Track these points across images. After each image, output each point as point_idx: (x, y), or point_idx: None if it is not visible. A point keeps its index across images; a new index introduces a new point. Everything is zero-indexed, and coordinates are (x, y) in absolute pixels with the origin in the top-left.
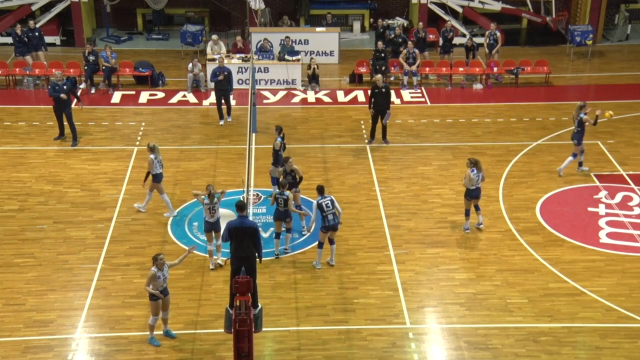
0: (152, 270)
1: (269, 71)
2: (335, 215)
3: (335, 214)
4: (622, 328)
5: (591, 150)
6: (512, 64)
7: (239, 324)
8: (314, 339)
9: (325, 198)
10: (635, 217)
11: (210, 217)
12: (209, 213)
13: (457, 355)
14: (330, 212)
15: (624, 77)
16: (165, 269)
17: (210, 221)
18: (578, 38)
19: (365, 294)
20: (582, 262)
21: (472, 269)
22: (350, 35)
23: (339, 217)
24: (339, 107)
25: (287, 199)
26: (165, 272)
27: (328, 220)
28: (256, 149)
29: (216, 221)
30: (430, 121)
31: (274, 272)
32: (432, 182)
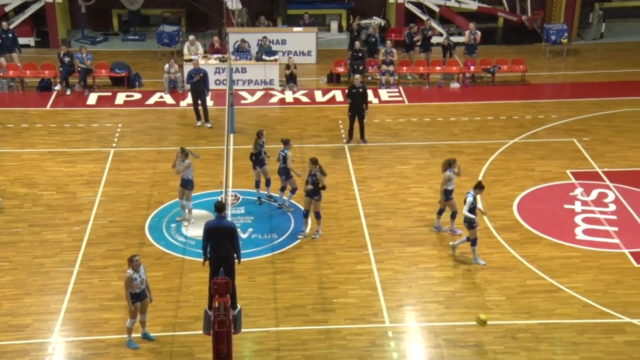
0: (127, 274)
1: (246, 71)
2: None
3: None
4: (599, 324)
5: (567, 148)
6: (489, 63)
7: (218, 325)
8: (293, 339)
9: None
10: (611, 213)
11: (187, 176)
12: (189, 173)
13: (437, 353)
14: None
15: (599, 75)
16: (142, 271)
17: (188, 179)
18: (553, 37)
19: (344, 294)
20: (559, 258)
21: (450, 267)
22: (327, 35)
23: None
24: (317, 107)
25: (286, 156)
26: (142, 274)
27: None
28: (234, 149)
29: (191, 179)
30: (408, 120)
31: (253, 272)
32: (411, 181)
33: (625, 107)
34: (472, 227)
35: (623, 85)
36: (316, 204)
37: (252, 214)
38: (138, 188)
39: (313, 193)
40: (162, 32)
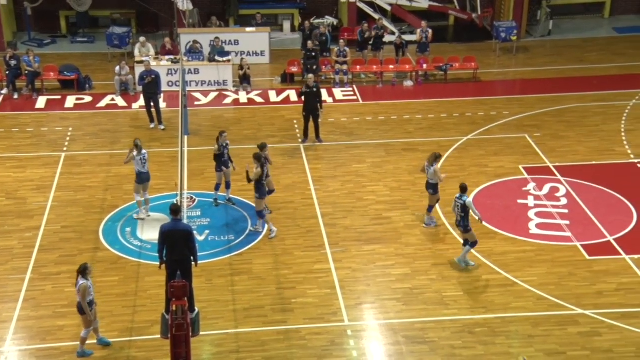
0: (85, 283)
1: (199, 72)
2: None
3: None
4: (553, 316)
5: (519, 144)
6: (441, 61)
7: (176, 328)
8: (253, 341)
9: (460, 199)
10: (563, 207)
11: (142, 168)
12: (140, 164)
13: (396, 350)
14: (458, 212)
15: (548, 72)
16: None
17: (143, 171)
18: (503, 34)
19: (303, 294)
20: (513, 253)
21: (407, 264)
22: (280, 35)
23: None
24: (272, 107)
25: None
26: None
27: (456, 220)
28: (188, 151)
29: (147, 172)
30: (363, 119)
31: (211, 275)
32: (367, 179)
33: (574, 102)
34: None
35: (571, 81)
36: (257, 201)
37: (209, 216)
38: (91, 192)
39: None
40: (111, 33)
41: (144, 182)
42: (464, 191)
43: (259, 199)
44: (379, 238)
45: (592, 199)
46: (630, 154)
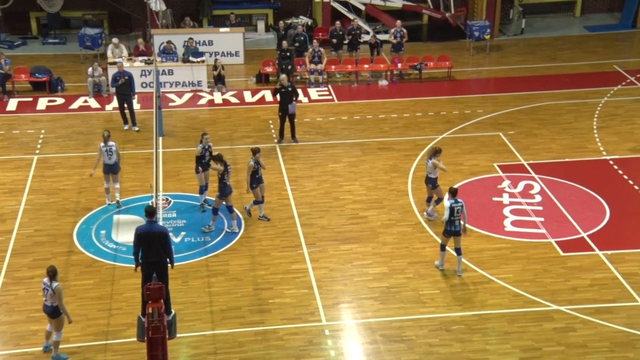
0: (60, 285)
1: (173, 73)
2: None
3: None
4: (528, 312)
5: (493, 142)
6: (415, 60)
7: (152, 331)
8: (230, 342)
9: (458, 202)
10: (537, 204)
11: (108, 160)
12: (107, 156)
13: (373, 349)
14: (457, 217)
15: (521, 70)
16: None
17: (109, 163)
18: (476, 33)
19: (280, 294)
20: (489, 250)
21: (384, 263)
22: (255, 35)
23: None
24: (247, 107)
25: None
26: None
27: (455, 226)
28: (163, 152)
29: (114, 163)
30: (338, 118)
31: (187, 276)
32: (343, 179)
33: (547, 100)
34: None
35: (544, 79)
36: (216, 200)
37: (184, 218)
38: (64, 195)
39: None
40: (83, 34)
41: (108, 173)
42: (455, 194)
43: (220, 197)
44: (355, 237)
45: (565, 195)
46: (602, 151)
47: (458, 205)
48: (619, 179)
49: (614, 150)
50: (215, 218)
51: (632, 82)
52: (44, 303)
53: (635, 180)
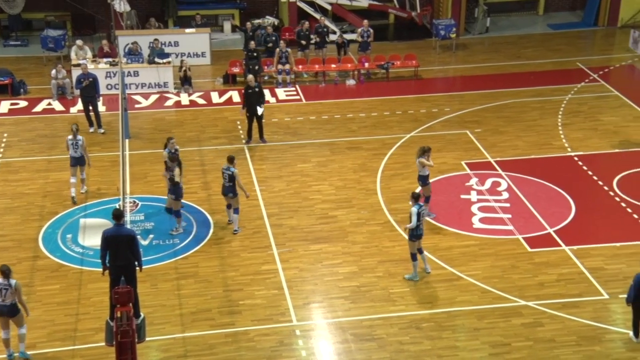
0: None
1: (139, 75)
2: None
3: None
4: (497, 308)
5: (461, 140)
6: (382, 59)
7: (121, 335)
8: (200, 345)
9: (422, 206)
10: (504, 201)
11: (74, 152)
12: (72, 149)
13: (344, 348)
14: (422, 221)
15: (487, 68)
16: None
17: (75, 156)
18: (442, 32)
19: (250, 295)
20: (458, 248)
21: (354, 262)
22: (221, 36)
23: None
24: (214, 108)
25: (234, 174)
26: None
27: (420, 229)
28: (130, 155)
29: (80, 156)
30: (307, 118)
31: (156, 279)
32: (312, 178)
33: (512, 98)
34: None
35: (509, 77)
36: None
37: (152, 220)
38: (29, 199)
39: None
40: (46, 36)
41: (75, 166)
42: (418, 199)
43: (177, 199)
44: (325, 237)
45: (532, 192)
46: (567, 148)
47: (422, 210)
48: (583, 175)
49: (578, 146)
50: (180, 220)
51: (594, 80)
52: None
53: (600, 176)
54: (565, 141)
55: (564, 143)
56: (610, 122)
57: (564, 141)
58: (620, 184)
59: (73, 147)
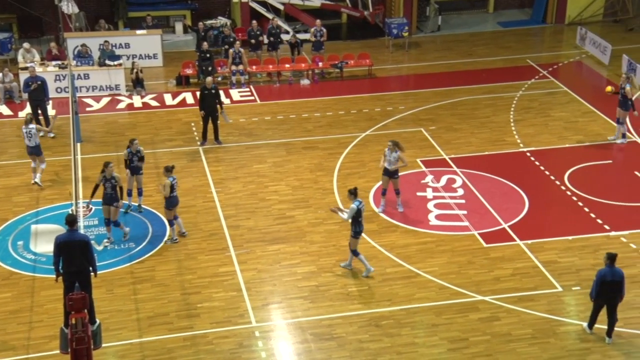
0: None
1: (89, 77)
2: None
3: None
4: (455, 304)
5: (416, 138)
6: (336, 59)
7: (76, 342)
8: (158, 349)
9: (361, 202)
10: (460, 198)
11: (29, 142)
12: (27, 138)
13: (304, 348)
14: (362, 217)
15: (439, 66)
16: None
17: (30, 145)
18: (395, 30)
19: (208, 297)
20: (415, 245)
21: (313, 261)
22: (173, 37)
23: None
24: (168, 110)
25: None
26: None
27: (362, 225)
28: (82, 159)
29: (35, 145)
30: (262, 119)
31: (112, 284)
32: (268, 179)
33: (465, 95)
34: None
35: (462, 75)
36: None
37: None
38: None
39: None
40: None
41: (32, 154)
42: (357, 195)
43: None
44: (283, 237)
45: (486, 188)
46: (519, 143)
47: (362, 206)
48: (536, 170)
49: (530, 142)
50: (110, 229)
51: (544, 76)
52: None
53: (552, 171)
54: (518, 137)
55: (517, 139)
56: (560, 118)
57: (516, 137)
58: (572, 178)
59: (27, 136)
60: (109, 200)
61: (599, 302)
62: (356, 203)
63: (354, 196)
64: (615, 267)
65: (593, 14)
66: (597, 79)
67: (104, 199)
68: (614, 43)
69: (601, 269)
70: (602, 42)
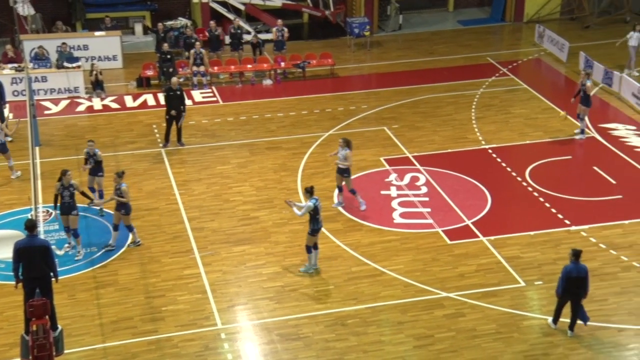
0: None
1: (47, 80)
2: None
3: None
4: (420, 301)
5: (379, 136)
6: (298, 58)
7: (38, 349)
8: (122, 354)
9: (318, 200)
10: (423, 195)
11: None
12: None
13: (270, 349)
14: (320, 214)
15: (401, 65)
16: None
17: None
18: (356, 30)
19: (173, 300)
20: (379, 243)
21: (278, 262)
22: (132, 38)
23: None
24: (129, 112)
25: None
26: None
27: (319, 222)
28: (41, 163)
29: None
30: (224, 120)
31: (73, 289)
32: (232, 180)
33: (427, 93)
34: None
35: (423, 73)
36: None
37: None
38: None
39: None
40: None
41: None
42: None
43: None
44: (248, 238)
45: (449, 185)
46: (481, 141)
47: (319, 203)
48: (497, 166)
49: (491, 139)
50: (70, 235)
51: (504, 74)
52: None
53: (513, 167)
54: (479, 134)
55: (478, 136)
56: (521, 115)
57: (478, 134)
58: (532, 174)
59: None
60: (67, 209)
61: (565, 298)
62: (312, 200)
63: (310, 194)
64: (580, 263)
65: (550, 12)
66: (555, 76)
67: (61, 208)
68: (571, 40)
69: (567, 266)
70: (560, 40)
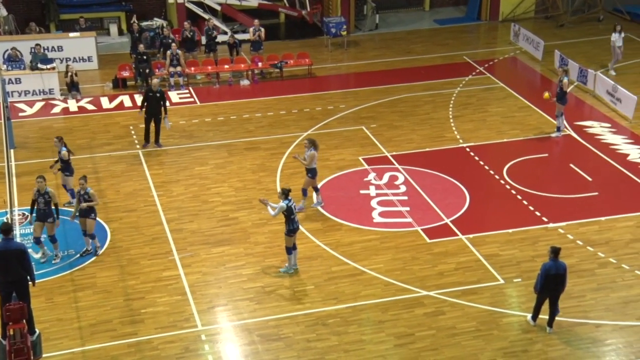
0: None
1: (21, 82)
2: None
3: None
4: (400, 300)
5: (357, 136)
6: (276, 58)
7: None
8: (102, 357)
9: (292, 201)
10: (402, 194)
11: None
12: None
13: (251, 350)
14: (296, 215)
15: (378, 64)
16: None
17: None
18: (333, 29)
19: (152, 303)
20: (359, 242)
21: (258, 262)
22: (108, 39)
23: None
24: (105, 114)
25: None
26: None
27: (295, 222)
28: (16, 165)
29: None
30: (202, 120)
31: (51, 293)
32: (211, 181)
33: (405, 92)
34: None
35: (400, 72)
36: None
37: (44, 232)
38: None
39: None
40: None
41: None
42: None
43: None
44: (227, 239)
45: (428, 184)
46: (459, 139)
47: (293, 204)
48: (475, 165)
49: (469, 137)
50: (42, 246)
51: (481, 72)
52: None
53: (491, 166)
54: (457, 133)
55: (456, 135)
56: (498, 113)
57: (455, 133)
58: (510, 172)
59: None
60: (42, 216)
61: (543, 294)
62: (286, 201)
63: (285, 196)
64: (559, 260)
65: (525, 11)
66: (531, 74)
67: (37, 215)
68: (546, 39)
69: (545, 263)
70: (535, 38)
